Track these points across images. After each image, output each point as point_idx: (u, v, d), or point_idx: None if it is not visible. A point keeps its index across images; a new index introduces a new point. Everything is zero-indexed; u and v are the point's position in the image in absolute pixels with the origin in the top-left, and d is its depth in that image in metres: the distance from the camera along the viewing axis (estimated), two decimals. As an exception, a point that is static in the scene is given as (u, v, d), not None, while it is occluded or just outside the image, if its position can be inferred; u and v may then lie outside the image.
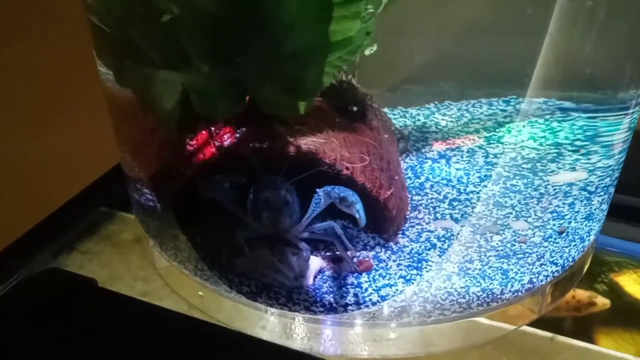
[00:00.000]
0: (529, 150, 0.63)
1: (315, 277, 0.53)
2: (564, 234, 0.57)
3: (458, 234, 0.57)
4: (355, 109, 0.60)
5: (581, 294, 0.65)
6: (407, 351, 0.55)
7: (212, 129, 0.54)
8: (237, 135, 0.53)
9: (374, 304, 0.51)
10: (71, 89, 0.74)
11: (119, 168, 0.72)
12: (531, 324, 0.58)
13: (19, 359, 0.50)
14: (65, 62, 0.73)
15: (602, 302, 0.64)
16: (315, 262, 0.54)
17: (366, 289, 0.52)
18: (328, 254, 0.55)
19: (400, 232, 0.57)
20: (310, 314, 0.52)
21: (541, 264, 0.55)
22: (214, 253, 0.55)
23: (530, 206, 0.59)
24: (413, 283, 0.52)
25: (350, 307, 0.51)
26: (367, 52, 0.58)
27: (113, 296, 0.55)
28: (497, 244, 0.56)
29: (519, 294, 0.54)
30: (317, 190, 0.52)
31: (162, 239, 0.58)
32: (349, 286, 0.52)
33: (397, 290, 0.52)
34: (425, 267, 0.54)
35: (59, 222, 0.67)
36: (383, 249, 0.56)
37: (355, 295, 0.52)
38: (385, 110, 0.67)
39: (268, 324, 0.56)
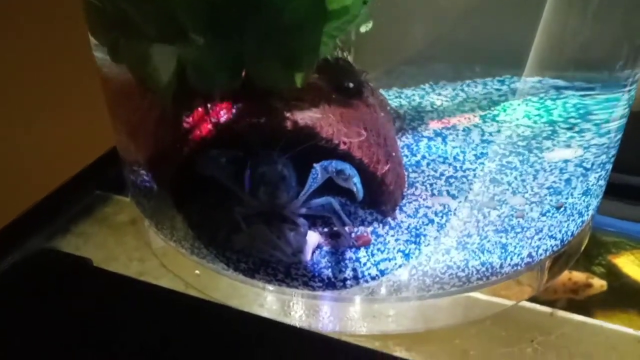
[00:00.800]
0: (524, 128, 0.63)
1: (313, 252, 0.53)
2: (562, 209, 0.57)
3: (455, 209, 0.56)
4: (351, 85, 0.59)
5: (578, 275, 0.65)
6: (406, 327, 0.55)
7: (209, 105, 0.54)
8: (234, 111, 0.53)
9: (373, 278, 0.51)
10: (64, 74, 0.73)
11: (114, 152, 0.71)
12: (530, 300, 0.58)
13: (16, 341, 0.49)
14: (57, 48, 0.72)
15: (599, 283, 0.64)
16: (313, 238, 0.54)
17: (365, 264, 0.52)
18: (326, 229, 0.55)
19: (398, 208, 0.57)
20: (309, 290, 0.52)
21: (540, 238, 0.55)
22: (211, 231, 0.55)
23: (526, 182, 0.59)
24: (412, 257, 0.52)
25: (349, 282, 0.51)
26: (362, 29, 0.58)
27: (109, 276, 0.55)
28: (494, 218, 0.56)
29: (518, 267, 0.54)
30: (314, 165, 0.51)
31: (159, 219, 0.58)
32: (347, 261, 0.52)
33: (395, 264, 0.52)
34: (424, 242, 0.54)
35: (53, 205, 0.66)
36: (381, 225, 0.56)
37: (354, 269, 0.51)
38: (381, 91, 0.67)
39: (266, 301, 0.55)
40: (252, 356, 0.49)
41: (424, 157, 0.63)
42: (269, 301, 0.55)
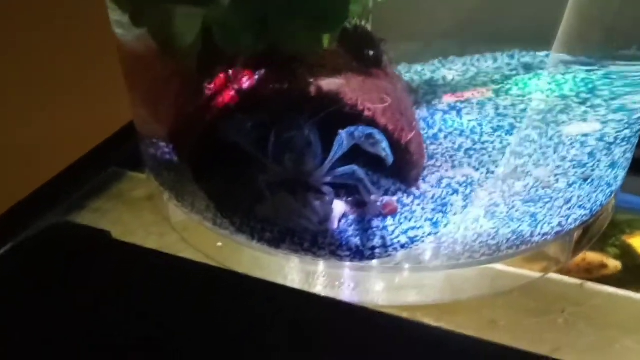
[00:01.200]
0: (538, 102, 0.63)
1: (339, 221, 0.52)
2: (589, 180, 0.56)
3: (479, 180, 0.55)
4: (371, 54, 0.58)
5: (592, 256, 0.63)
6: (433, 298, 0.54)
7: (231, 72, 0.52)
8: (256, 77, 0.52)
9: (402, 246, 0.50)
10: (79, 53, 0.71)
11: (128, 128, 0.70)
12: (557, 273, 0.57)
13: (33, 317, 0.48)
14: (71, 26, 0.71)
15: (614, 264, 0.62)
16: (339, 206, 0.52)
17: (392, 232, 0.51)
18: (350, 198, 0.54)
19: (421, 179, 0.56)
20: (336, 259, 0.50)
21: (569, 208, 0.54)
22: (234, 200, 0.53)
23: (547, 155, 0.58)
24: (440, 225, 0.51)
25: (377, 251, 0.50)
26: (380, -3, 0.57)
27: (129, 248, 0.54)
28: (520, 189, 0.54)
29: (548, 237, 0.53)
30: (340, 131, 0.50)
31: (179, 191, 0.56)
32: (374, 229, 0.51)
33: (424, 232, 0.50)
34: (451, 211, 0.53)
35: (68, 181, 0.65)
36: (405, 194, 0.54)
37: (383, 238, 0.50)
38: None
39: (290, 273, 0.54)
40: (277, 326, 0.47)
41: (440, 130, 0.62)
42: (293, 272, 0.54)
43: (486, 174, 0.56)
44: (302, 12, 0.46)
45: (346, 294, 0.54)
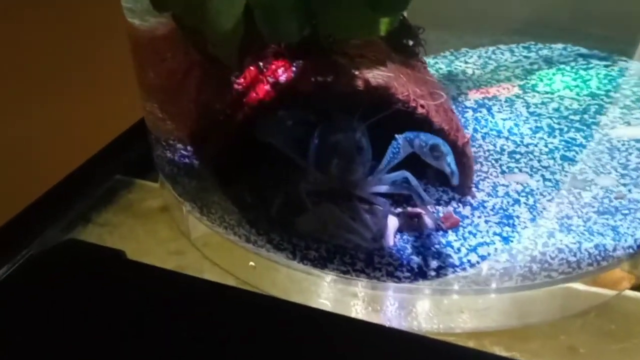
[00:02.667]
0: (569, 100, 0.61)
1: (394, 236, 0.44)
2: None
3: (538, 188, 0.49)
4: (411, 43, 0.51)
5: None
6: (499, 323, 0.47)
7: (261, 63, 0.45)
8: (294, 69, 0.44)
9: (472, 265, 0.43)
10: (81, 53, 0.64)
11: (133, 132, 0.63)
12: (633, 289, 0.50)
13: (41, 343, 0.40)
14: (79, 24, 0.63)
15: None
16: (392, 220, 0.45)
17: (459, 249, 0.43)
18: (401, 209, 0.46)
19: (473, 185, 0.49)
20: (394, 281, 0.43)
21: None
22: (269, 213, 0.46)
23: (604, 161, 0.53)
24: (512, 241, 0.44)
25: (443, 271, 0.43)
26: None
27: (146, 270, 0.46)
28: (590, 200, 0.49)
29: (631, 250, 0.46)
30: (396, 136, 0.43)
31: (204, 202, 0.49)
32: (437, 246, 0.44)
33: (496, 248, 0.43)
34: (519, 224, 0.46)
35: (70, 191, 0.57)
36: (460, 204, 0.47)
37: (449, 256, 0.43)
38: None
39: (332, 295, 0.47)
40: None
41: (476, 130, 0.58)
42: (336, 295, 0.47)
43: (543, 181, 0.51)
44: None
45: (401, 318, 0.46)
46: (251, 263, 0.48)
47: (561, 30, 0.70)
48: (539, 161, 0.53)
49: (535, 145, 0.55)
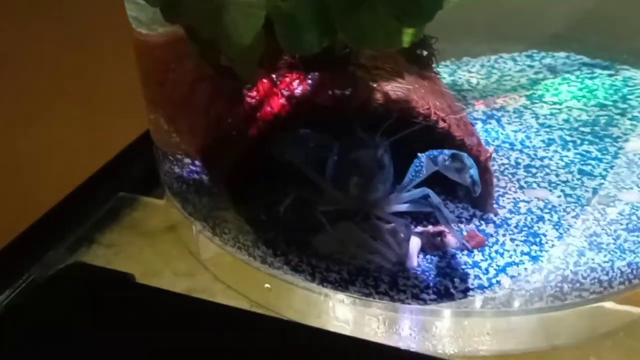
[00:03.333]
0: (578, 111, 0.59)
1: (417, 256, 0.42)
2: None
3: (560, 204, 0.47)
4: (425, 53, 0.49)
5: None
6: (526, 345, 0.45)
7: (274, 76, 0.43)
8: (310, 82, 0.42)
9: (502, 286, 0.41)
10: (80, 66, 0.61)
11: (136, 147, 0.60)
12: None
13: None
14: (73, 39, 0.61)
15: None
16: (414, 239, 0.43)
17: (487, 269, 0.41)
18: (420, 228, 0.45)
19: (495, 202, 0.47)
20: (419, 303, 0.41)
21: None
22: (287, 232, 0.44)
23: (623, 176, 0.52)
24: (541, 260, 0.42)
25: (471, 292, 0.41)
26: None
27: (158, 294, 0.44)
28: (616, 216, 0.47)
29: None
30: (419, 154, 0.41)
31: (216, 221, 0.46)
32: (464, 267, 0.42)
33: (525, 268, 0.41)
34: (547, 242, 0.44)
35: (72, 210, 0.54)
36: (483, 222, 0.46)
37: (477, 277, 0.41)
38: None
39: (354, 318, 0.45)
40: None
41: (487, 143, 0.55)
42: (358, 318, 0.45)
43: (564, 197, 0.49)
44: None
45: (426, 341, 0.44)
46: (267, 285, 0.45)
47: (556, 37, 0.69)
48: (557, 175, 0.52)
49: (550, 159, 0.53)
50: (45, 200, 0.55)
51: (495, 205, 0.48)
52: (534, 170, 0.52)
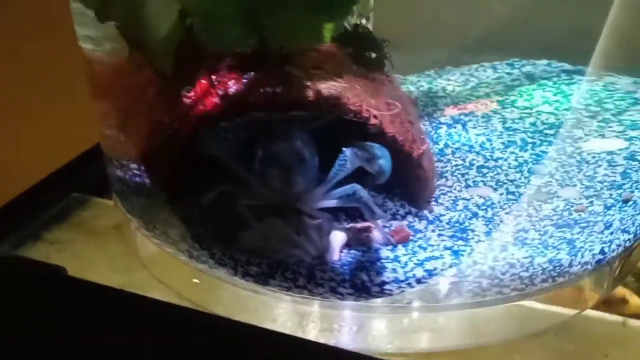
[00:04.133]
0: (547, 115, 0.59)
1: (341, 251, 0.43)
2: (630, 202, 0.48)
3: (499, 201, 0.48)
4: (373, 56, 0.50)
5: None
6: (452, 343, 0.45)
7: (213, 75, 0.44)
8: (244, 81, 0.43)
9: (418, 281, 0.41)
10: (38, 72, 0.63)
11: (91, 152, 0.62)
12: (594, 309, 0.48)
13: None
14: (34, 47, 0.62)
15: (636, 303, 0.53)
16: (340, 234, 0.44)
17: (406, 264, 0.42)
18: (352, 224, 0.45)
19: (433, 199, 0.48)
20: (337, 297, 0.41)
21: (610, 233, 0.46)
22: (213, 227, 0.44)
23: (571, 174, 0.52)
24: (462, 255, 0.42)
25: (387, 287, 0.41)
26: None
27: (86, 286, 0.44)
28: (550, 212, 0.47)
29: (588, 266, 0.44)
30: (344, 149, 0.42)
31: (150, 217, 0.47)
32: (383, 261, 0.42)
33: (444, 263, 0.42)
34: (473, 237, 0.44)
35: (22, 209, 0.55)
36: (416, 219, 0.46)
37: (394, 270, 0.41)
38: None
39: (280, 315, 0.45)
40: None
41: (447, 145, 0.56)
42: (283, 314, 0.45)
43: (506, 194, 0.49)
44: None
45: (347, 339, 0.45)
46: (195, 280, 0.46)
47: (546, 46, 0.69)
48: (506, 175, 0.52)
49: (505, 160, 0.54)
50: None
51: (433, 203, 0.48)
52: (485, 171, 0.53)
